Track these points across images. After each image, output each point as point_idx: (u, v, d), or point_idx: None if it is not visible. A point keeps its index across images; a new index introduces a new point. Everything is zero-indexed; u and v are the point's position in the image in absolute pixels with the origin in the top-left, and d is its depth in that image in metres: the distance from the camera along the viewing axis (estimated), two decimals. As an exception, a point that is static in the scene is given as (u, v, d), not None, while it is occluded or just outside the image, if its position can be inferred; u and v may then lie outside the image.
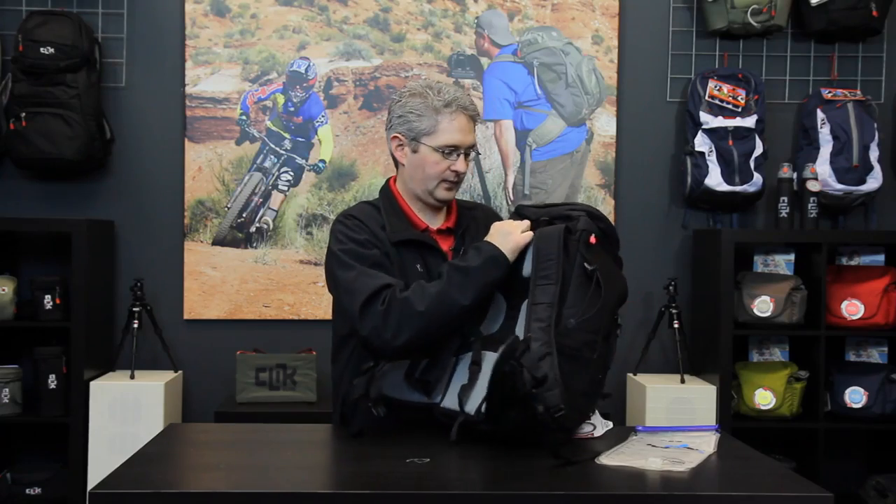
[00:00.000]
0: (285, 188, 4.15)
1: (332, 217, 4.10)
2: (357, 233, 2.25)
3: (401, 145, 2.32)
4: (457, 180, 2.31)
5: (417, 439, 2.01)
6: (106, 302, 4.04)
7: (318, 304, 4.12)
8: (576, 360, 1.92)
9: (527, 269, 2.05)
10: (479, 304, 2.08)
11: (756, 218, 4.23)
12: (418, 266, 2.25)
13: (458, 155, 2.28)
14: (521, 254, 2.09)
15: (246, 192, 4.14)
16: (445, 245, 2.34)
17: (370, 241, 2.24)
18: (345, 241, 2.23)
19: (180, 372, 4.05)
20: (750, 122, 4.01)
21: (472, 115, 2.30)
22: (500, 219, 2.37)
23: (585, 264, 2.00)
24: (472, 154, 2.34)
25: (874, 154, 4.02)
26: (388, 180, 2.41)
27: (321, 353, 3.91)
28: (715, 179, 3.99)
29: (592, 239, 2.03)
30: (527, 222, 2.14)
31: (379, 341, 2.08)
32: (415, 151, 2.30)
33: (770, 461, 1.96)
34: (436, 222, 2.37)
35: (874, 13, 3.99)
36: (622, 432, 2.11)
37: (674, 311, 3.97)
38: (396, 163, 2.36)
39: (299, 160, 4.15)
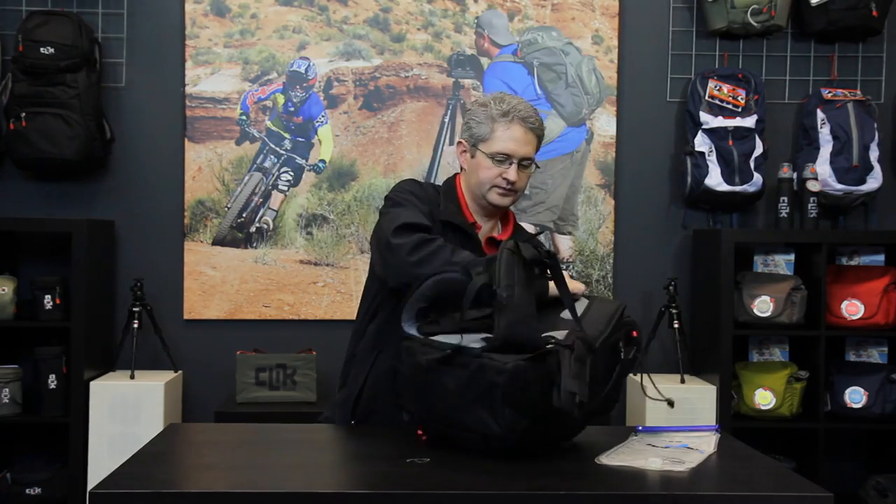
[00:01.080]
0: (285, 188, 4.15)
1: (332, 217, 4.11)
2: (418, 191, 2.37)
3: (464, 151, 2.42)
4: (509, 188, 2.34)
5: (417, 439, 2.00)
6: (106, 302, 4.04)
7: (318, 304, 4.13)
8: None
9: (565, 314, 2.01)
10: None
11: (756, 218, 4.24)
12: None
13: (511, 164, 2.33)
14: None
15: (246, 192, 4.14)
16: (489, 251, 2.37)
17: (427, 201, 2.34)
18: (404, 192, 2.35)
19: (180, 372, 4.05)
20: (750, 122, 4.01)
21: (533, 128, 2.35)
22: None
23: (621, 343, 1.97)
24: (532, 167, 2.38)
25: (874, 154, 4.02)
26: (455, 174, 2.49)
27: (321, 353, 3.92)
28: (715, 179, 3.99)
29: (634, 333, 2.02)
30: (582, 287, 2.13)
31: (398, 259, 2.15)
32: (473, 157, 2.38)
33: (770, 461, 1.96)
34: (488, 229, 2.43)
35: (874, 13, 3.99)
36: (622, 432, 2.11)
37: (674, 311, 3.97)
38: (461, 166, 2.47)
39: (299, 160, 4.15)
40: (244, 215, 4.14)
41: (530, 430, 1.81)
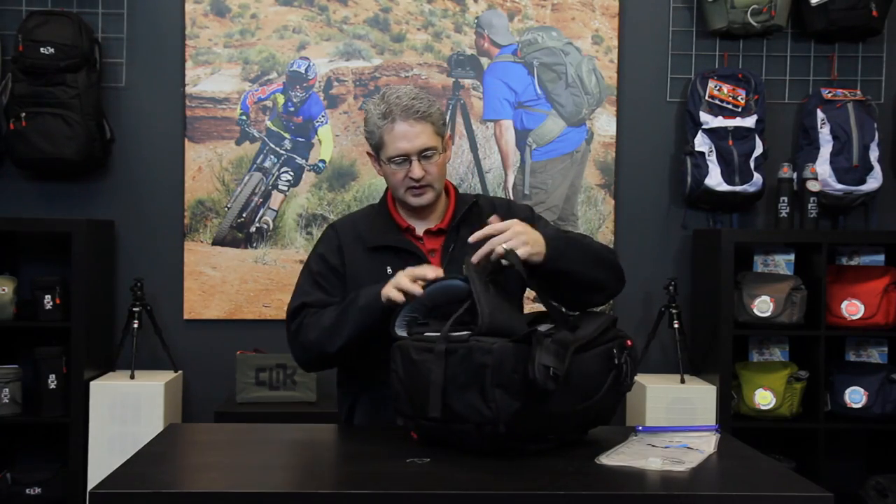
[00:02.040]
0: (285, 188, 4.15)
1: (333, 217, 4.11)
2: (324, 244, 2.39)
3: (374, 161, 2.38)
4: (419, 185, 2.28)
5: (417, 440, 2.00)
6: (106, 302, 4.04)
7: (318, 304, 4.12)
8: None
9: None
10: (359, 342, 2.19)
11: (756, 218, 4.23)
12: (388, 269, 2.24)
13: (411, 161, 2.27)
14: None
15: (246, 192, 4.14)
16: (434, 245, 2.33)
17: (325, 257, 2.35)
18: (312, 251, 2.42)
19: (180, 372, 4.05)
20: (750, 122, 4.01)
21: (420, 116, 2.26)
22: (494, 207, 2.37)
23: (615, 350, 1.98)
24: (438, 156, 2.29)
25: (874, 154, 4.02)
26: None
27: (321, 353, 3.91)
28: (715, 179, 3.99)
29: (629, 342, 2.02)
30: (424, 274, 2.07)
31: (293, 358, 2.34)
32: (380, 166, 2.35)
33: (770, 461, 1.96)
34: (427, 223, 2.36)
35: (874, 13, 3.99)
36: (622, 432, 2.11)
37: (674, 311, 3.97)
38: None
39: (299, 160, 4.15)
40: (244, 215, 4.14)
41: (521, 414, 1.81)
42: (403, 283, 2.05)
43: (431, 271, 2.07)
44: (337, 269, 2.32)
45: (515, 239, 2.01)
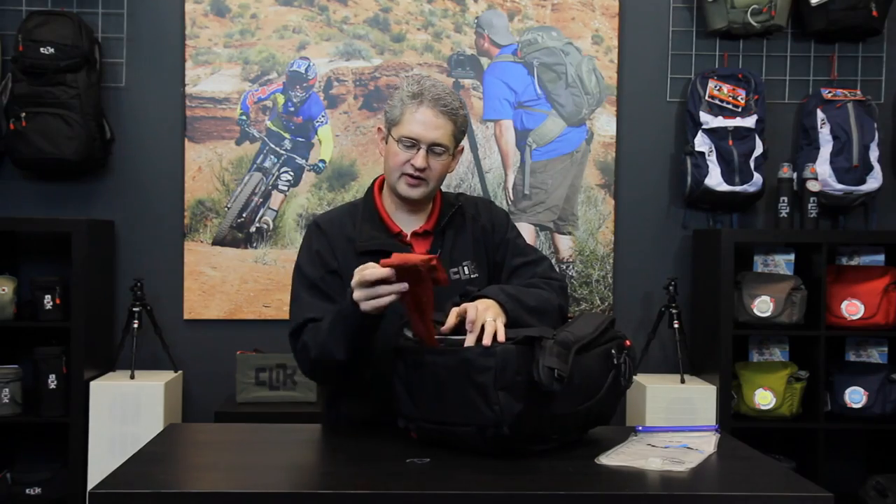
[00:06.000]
0: (285, 188, 4.15)
1: (332, 217, 4.11)
2: (314, 243, 2.27)
3: (382, 138, 2.31)
4: (417, 175, 2.21)
5: (417, 439, 2.00)
6: (106, 302, 4.04)
7: (318, 304, 4.12)
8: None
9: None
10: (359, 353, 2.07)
11: (756, 218, 4.24)
12: None
13: (419, 149, 2.20)
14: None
15: (246, 192, 4.14)
16: (422, 248, 2.28)
17: (321, 256, 2.24)
18: (302, 253, 2.29)
19: (180, 372, 4.05)
20: (750, 122, 4.01)
21: (445, 111, 2.20)
22: (477, 208, 2.36)
23: (614, 351, 2.00)
24: (447, 157, 2.24)
25: (874, 154, 4.02)
26: (374, 180, 2.38)
27: (321, 353, 3.91)
28: (715, 179, 3.99)
29: (627, 342, 2.05)
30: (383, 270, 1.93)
31: (301, 366, 2.22)
32: (387, 143, 2.28)
33: (770, 461, 1.96)
34: (413, 224, 2.31)
35: (874, 13, 3.99)
36: (622, 432, 2.11)
37: (674, 311, 3.97)
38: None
39: (299, 160, 4.15)
40: (244, 215, 4.14)
41: (524, 416, 1.82)
42: (373, 298, 1.93)
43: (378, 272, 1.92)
44: (335, 270, 2.24)
45: (490, 315, 1.95)
